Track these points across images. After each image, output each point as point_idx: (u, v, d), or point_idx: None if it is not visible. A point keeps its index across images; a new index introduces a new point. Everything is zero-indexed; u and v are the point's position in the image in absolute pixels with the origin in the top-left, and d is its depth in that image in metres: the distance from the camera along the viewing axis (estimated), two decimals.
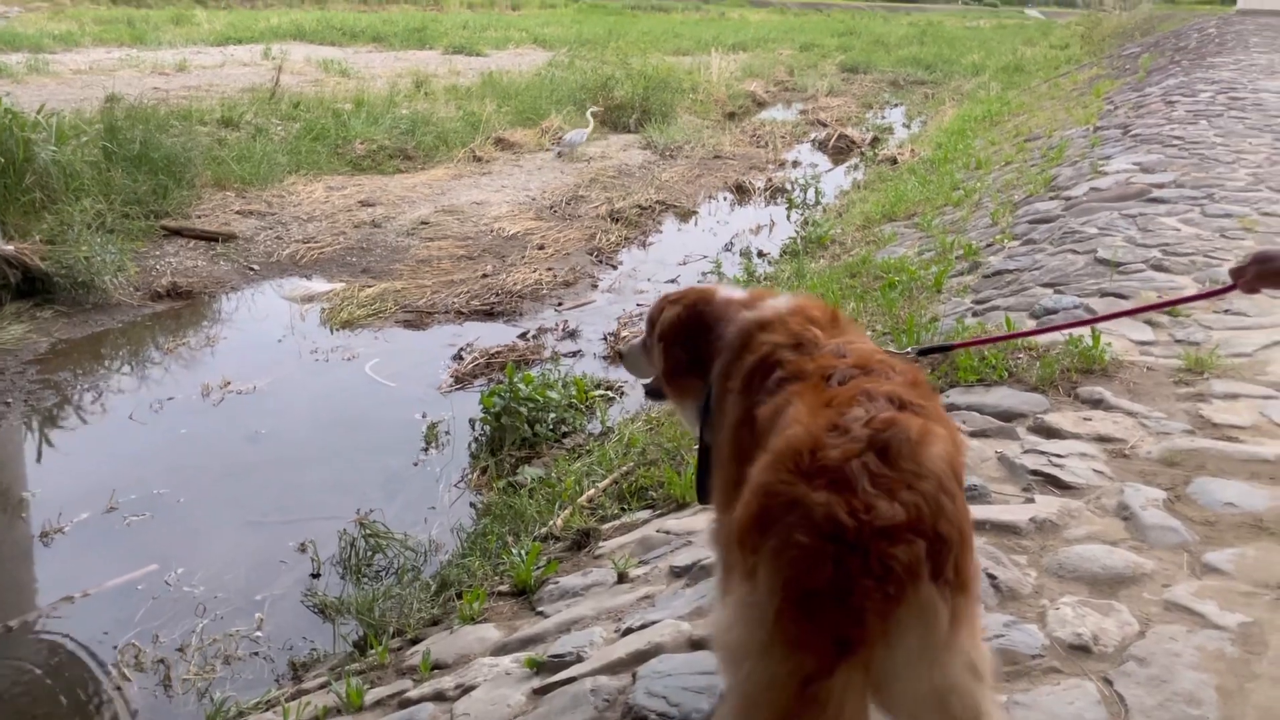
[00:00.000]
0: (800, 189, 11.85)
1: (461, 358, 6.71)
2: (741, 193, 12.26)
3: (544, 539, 4.04)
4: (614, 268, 9.03)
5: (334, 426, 5.83)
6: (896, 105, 20.54)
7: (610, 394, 6.03)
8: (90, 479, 5.07)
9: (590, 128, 13.46)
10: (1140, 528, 3.06)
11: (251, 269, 8.45)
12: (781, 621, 1.62)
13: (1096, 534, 3.05)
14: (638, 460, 4.63)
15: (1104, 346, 4.35)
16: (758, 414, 1.96)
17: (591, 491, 4.41)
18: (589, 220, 10.22)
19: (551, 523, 4.15)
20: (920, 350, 2.95)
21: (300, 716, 3.03)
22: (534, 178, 11.94)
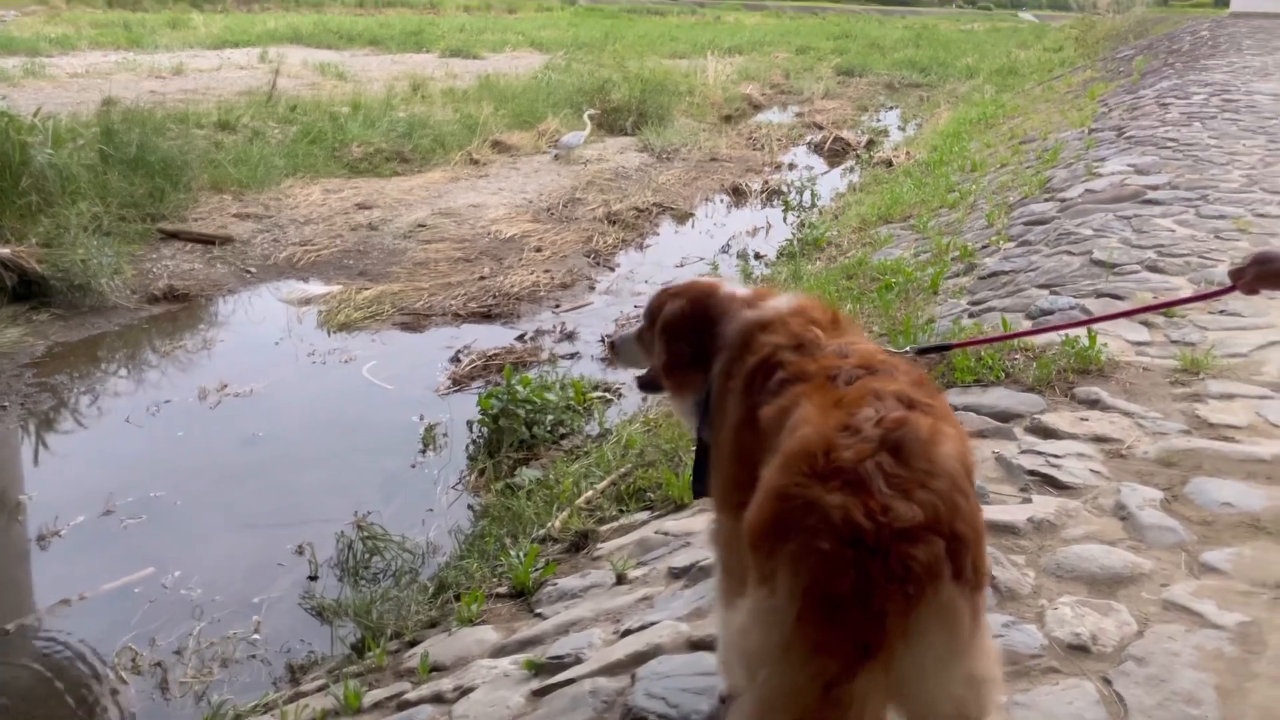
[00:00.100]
0: (796, 191, 11.85)
1: (459, 360, 6.71)
2: (738, 195, 12.28)
3: (542, 541, 4.04)
4: (611, 270, 9.04)
5: (331, 429, 5.83)
6: (892, 108, 20.58)
7: (608, 396, 6.03)
8: (87, 482, 5.06)
9: (587, 130, 13.47)
10: (1138, 527, 3.07)
11: (248, 272, 8.44)
12: (802, 626, 1.61)
13: (1094, 534, 3.05)
14: (636, 462, 4.62)
15: (1100, 347, 4.36)
16: (760, 415, 1.95)
17: (589, 493, 4.40)
18: (586, 222, 10.22)
19: (550, 524, 4.15)
20: (918, 350, 2.95)
21: (298, 719, 3.03)
22: (531, 180, 11.94)
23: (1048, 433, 3.77)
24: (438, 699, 2.91)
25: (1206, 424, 3.79)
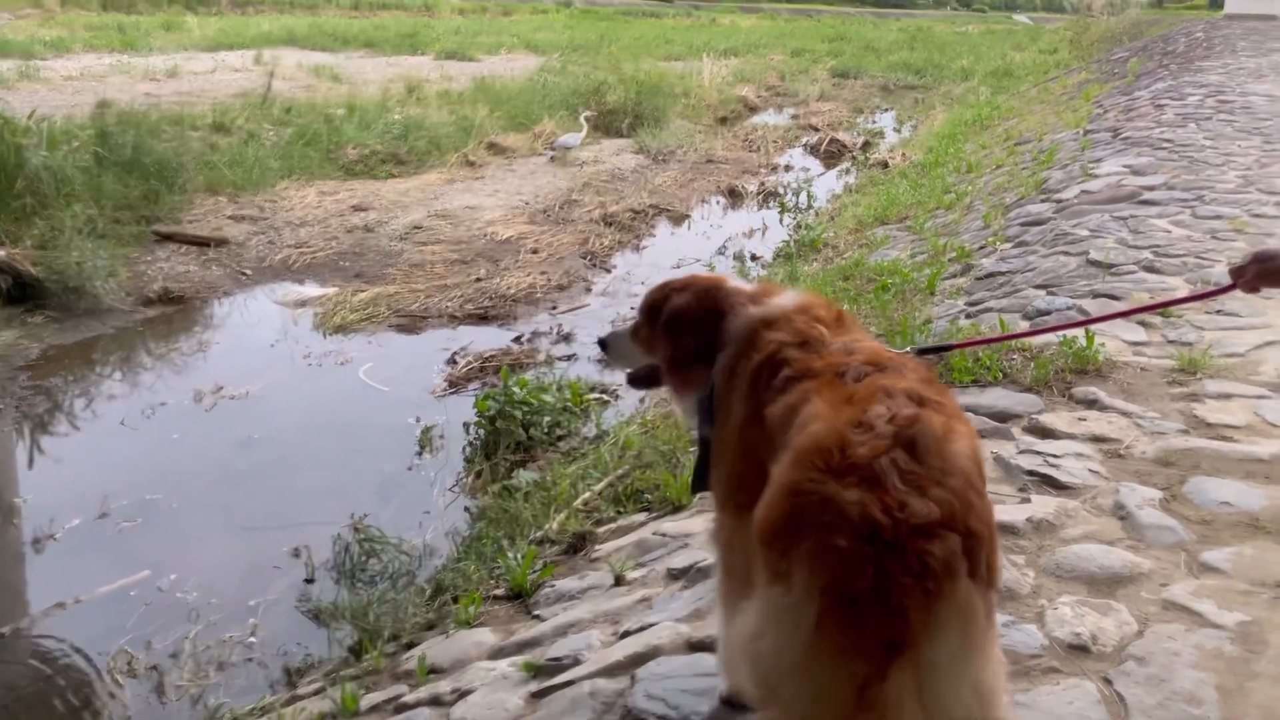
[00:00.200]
0: (792, 193, 11.86)
1: (455, 362, 6.69)
2: (734, 197, 12.29)
3: (540, 542, 4.02)
4: (608, 271, 9.03)
5: (327, 431, 5.80)
6: (887, 110, 20.62)
7: (605, 397, 6.02)
8: (82, 485, 5.04)
9: (584, 132, 13.47)
10: (1137, 527, 3.06)
11: (244, 274, 8.42)
12: (825, 628, 1.59)
13: (1093, 534, 3.05)
14: (633, 463, 4.61)
15: (1098, 347, 4.36)
16: (767, 413, 1.93)
17: (587, 495, 4.39)
18: (582, 224, 10.21)
19: (547, 526, 4.13)
20: (918, 350, 2.93)
21: None
22: (527, 182, 11.93)
23: (1046, 433, 3.77)
24: (436, 701, 2.90)
25: (1204, 424, 3.79)
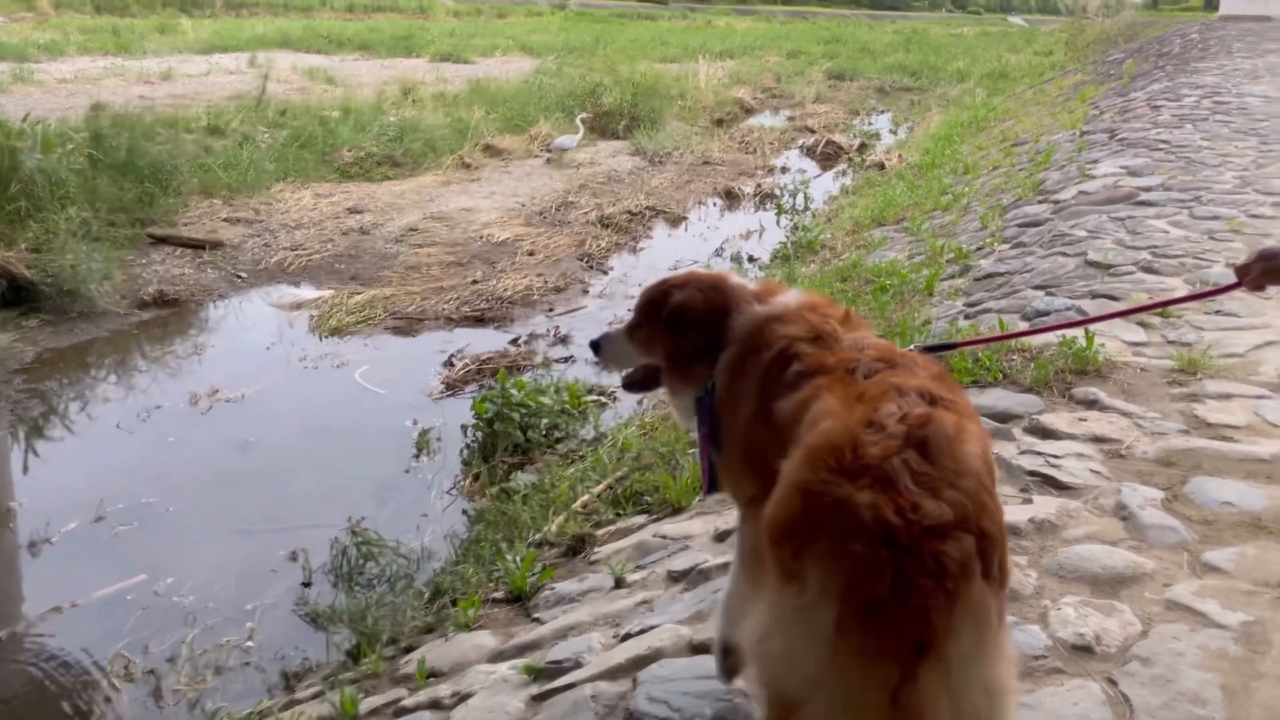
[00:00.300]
0: (789, 194, 11.86)
1: (452, 364, 6.67)
2: (731, 198, 12.28)
3: (539, 545, 4.00)
4: (605, 273, 9.02)
5: (324, 434, 5.78)
6: (883, 112, 20.64)
7: (603, 399, 6.00)
8: (78, 489, 5.00)
9: (580, 134, 13.46)
10: (1139, 527, 3.05)
11: (239, 276, 8.39)
12: (848, 632, 1.57)
13: (1095, 534, 3.04)
14: (632, 465, 4.60)
15: (1098, 348, 4.35)
16: (776, 408, 1.91)
17: (586, 497, 4.37)
18: (579, 226, 10.20)
19: (546, 529, 4.12)
20: (920, 350, 2.92)
21: None
22: (523, 184, 11.92)
23: (1046, 433, 3.76)
24: (435, 705, 2.87)
25: (1205, 424, 3.78)
